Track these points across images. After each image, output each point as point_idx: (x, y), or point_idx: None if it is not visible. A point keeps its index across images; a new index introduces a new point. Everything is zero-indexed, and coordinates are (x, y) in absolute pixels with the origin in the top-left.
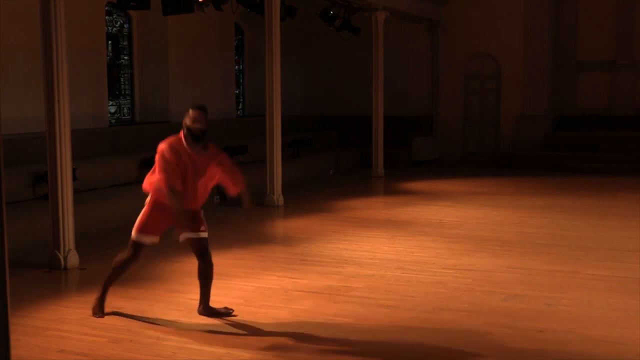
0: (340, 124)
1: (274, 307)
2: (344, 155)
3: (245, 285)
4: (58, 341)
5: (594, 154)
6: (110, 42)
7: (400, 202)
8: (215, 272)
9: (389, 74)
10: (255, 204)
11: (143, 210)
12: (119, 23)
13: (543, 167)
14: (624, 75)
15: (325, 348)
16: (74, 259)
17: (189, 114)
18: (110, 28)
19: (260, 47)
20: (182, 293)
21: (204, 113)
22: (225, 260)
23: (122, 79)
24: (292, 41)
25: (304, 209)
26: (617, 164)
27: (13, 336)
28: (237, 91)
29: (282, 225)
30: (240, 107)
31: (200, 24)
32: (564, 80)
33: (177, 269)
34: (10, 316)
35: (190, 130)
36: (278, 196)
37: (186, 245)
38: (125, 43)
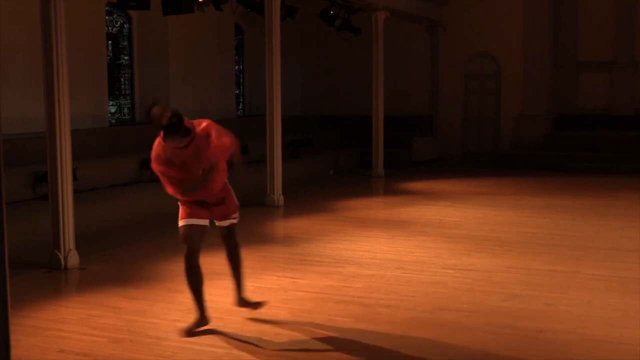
0: (340, 124)
1: (274, 307)
2: (344, 155)
3: (246, 285)
4: (58, 341)
5: (594, 154)
6: (110, 42)
7: (400, 202)
8: (215, 272)
9: (389, 74)
10: (248, 171)
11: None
12: (119, 23)
13: (543, 167)
14: (624, 75)
15: (325, 348)
16: (74, 259)
17: (152, 119)
18: (110, 28)
19: (260, 47)
20: (182, 293)
21: (158, 106)
22: (225, 260)
23: (122, 79)
24: (292, 41)
25: (304, 209)
26: (617, 164)
27: (13, 336)
28: (237, 91)
29: (282, 225)
30: (241, 107)
31: (200, 24)
32: (564, 80)
33: (177, 269)
34: (10, 316)
35: (164, 129)
36: (278, 196)
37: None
38: (125, 43)
